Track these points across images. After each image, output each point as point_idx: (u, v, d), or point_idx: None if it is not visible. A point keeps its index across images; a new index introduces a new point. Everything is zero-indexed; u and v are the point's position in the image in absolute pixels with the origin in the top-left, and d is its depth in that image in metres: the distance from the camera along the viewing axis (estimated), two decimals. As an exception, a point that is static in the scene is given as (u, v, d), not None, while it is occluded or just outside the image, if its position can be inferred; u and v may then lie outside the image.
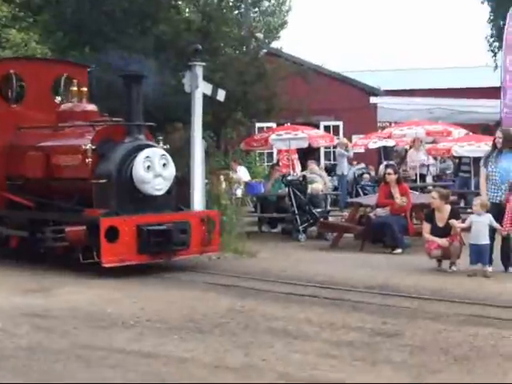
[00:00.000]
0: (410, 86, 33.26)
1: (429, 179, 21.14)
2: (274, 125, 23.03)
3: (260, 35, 23.38)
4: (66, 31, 17.92)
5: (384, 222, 13.21)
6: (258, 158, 25.23)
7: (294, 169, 20.49)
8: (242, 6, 24.55)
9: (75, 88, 12.38)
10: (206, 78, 13.38)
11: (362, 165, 23.35)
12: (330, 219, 16.70)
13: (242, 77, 18.11)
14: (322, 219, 15.48)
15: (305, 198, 15.49)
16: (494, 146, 11.44)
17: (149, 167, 10.89)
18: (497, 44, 35.36)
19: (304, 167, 20.62)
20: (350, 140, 24.35)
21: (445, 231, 11.24)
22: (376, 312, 8.38)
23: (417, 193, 17.55)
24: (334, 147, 24.02)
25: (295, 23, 79.83)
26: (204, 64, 12.97)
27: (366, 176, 22.14)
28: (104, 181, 10.88)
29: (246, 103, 18.74)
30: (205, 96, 13.26)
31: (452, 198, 15.18)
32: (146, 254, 10.75)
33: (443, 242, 11.09)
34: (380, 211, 13.61)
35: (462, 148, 18.45)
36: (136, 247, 10.60)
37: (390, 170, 14.12)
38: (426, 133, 20.44)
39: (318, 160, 24.67)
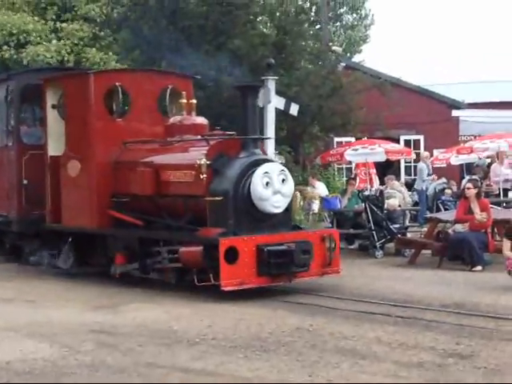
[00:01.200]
0: (494, 99, 32.53)
1: (512, 194, 20.50)
2: (352, 139, 22.77)
3: (338, 49, 23.14)
4: (144, 48, 18.12)
5: (463, 239, 12.78)
6: (336, 173, 24.97)
7: (371, 183, 20.17)
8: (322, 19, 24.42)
9: (184, 100, 11.81)
10: (281, 93, 13.30)
11: (443, 179, 22.82)
12: (409, 235, 16.30)
13: (318, 91, 17.96)
14: (399, 235, 15.13)
15: (382, 214, 15.19)
16: None
17: (267, 183, 10.26)
18: None
19: (383, 182, 20.28)
20: (431, 154, 23.86)
21: (527, 248, 10.79)
22: (450, 332, 8.05)
23: (499, 208, 17.05)
24: (416, 161, 23.59)
25: (377, 37, 79.20)
26: (276, 78, 12.88)
27: (447, 191, 21.61)
28: (220, 198, 10.21)
29: (321, 117, 18.57)
30: (281, 111, 13.17)
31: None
32: (266, 277, 10.13)
33: (524, 259, 10.65)
34: (459, 227, 13.20)
35: (547, 161, 17.82)
36: (255, 269, 10.01)
37: (469, 185, 13.68)
38: (510, 146, 19.85)
39: (397, 175, 24.27)
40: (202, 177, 10.27)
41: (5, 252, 14.14)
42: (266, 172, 10.27)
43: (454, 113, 26.72)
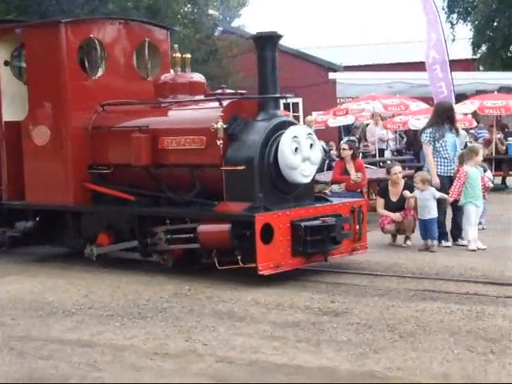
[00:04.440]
0: (371, 61, 33.17)
1: (388, 154, 21.05)
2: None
3: (215, 13, 23.00)
4: (13, 14, 17.50)
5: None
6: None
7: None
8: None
9: (178, 54, 10.26)
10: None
11: (322, 142, 23.11)
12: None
13: (193, 55, 17.80)
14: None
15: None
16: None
17: (296, 149, 8.93)
18: (454, 16, 35.46)
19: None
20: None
21: (399, 206, 11.10)
22: (325, 290, 8.21)
23: (375, 168, 17.45)
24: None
25: (256, 0, 79.40)
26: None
27: (333, 152, 21.92)
28: (242, 167, 8.84)
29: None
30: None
31: (409, 172, 15.13)
32: (301, 257, 8.84)
33: (396, 216, 10.97)
34: (335, 187, 13.41)
35: (419, 121, 18.30)
36: (290, 249, 8.75)
37: (344, 146, 13.91)
38: (384, 107, 20.31)
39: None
40: (218, 143, 8.86)
41: None
42: (295, 136, 8.92)
43: (331, 75, 27.07)
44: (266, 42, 9.16)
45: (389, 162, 17.47)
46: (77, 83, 10.19)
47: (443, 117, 11.13)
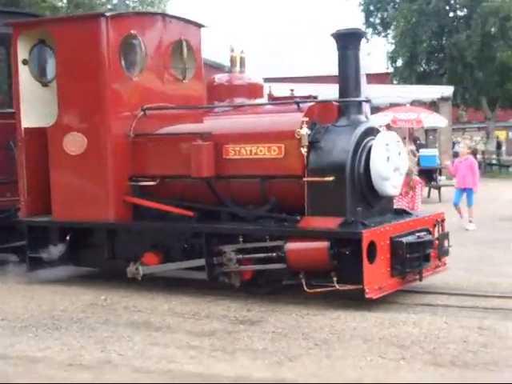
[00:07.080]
0: (286, 74, 33.46)
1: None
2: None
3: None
4: None
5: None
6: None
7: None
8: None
9: (234, 53, 9.27)
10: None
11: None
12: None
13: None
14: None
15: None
16: None
17: (388, 158, 8.21)
18: (370, 30, 36.19)
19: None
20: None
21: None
22: (242, 299, 8.25)
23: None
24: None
25: (175, 12, 79.37)
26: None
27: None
28: (331, 178, 8.00)
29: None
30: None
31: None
32: (398, 277, 8.00)
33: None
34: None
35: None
36: (390, 268, 7.90)
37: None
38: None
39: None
40: (303, 151, 8.04)
41: None
42: (387, 144, 8.20)
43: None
44: (349, 39, 8.35)
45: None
46: (117, 84, 9.11)
47: None
